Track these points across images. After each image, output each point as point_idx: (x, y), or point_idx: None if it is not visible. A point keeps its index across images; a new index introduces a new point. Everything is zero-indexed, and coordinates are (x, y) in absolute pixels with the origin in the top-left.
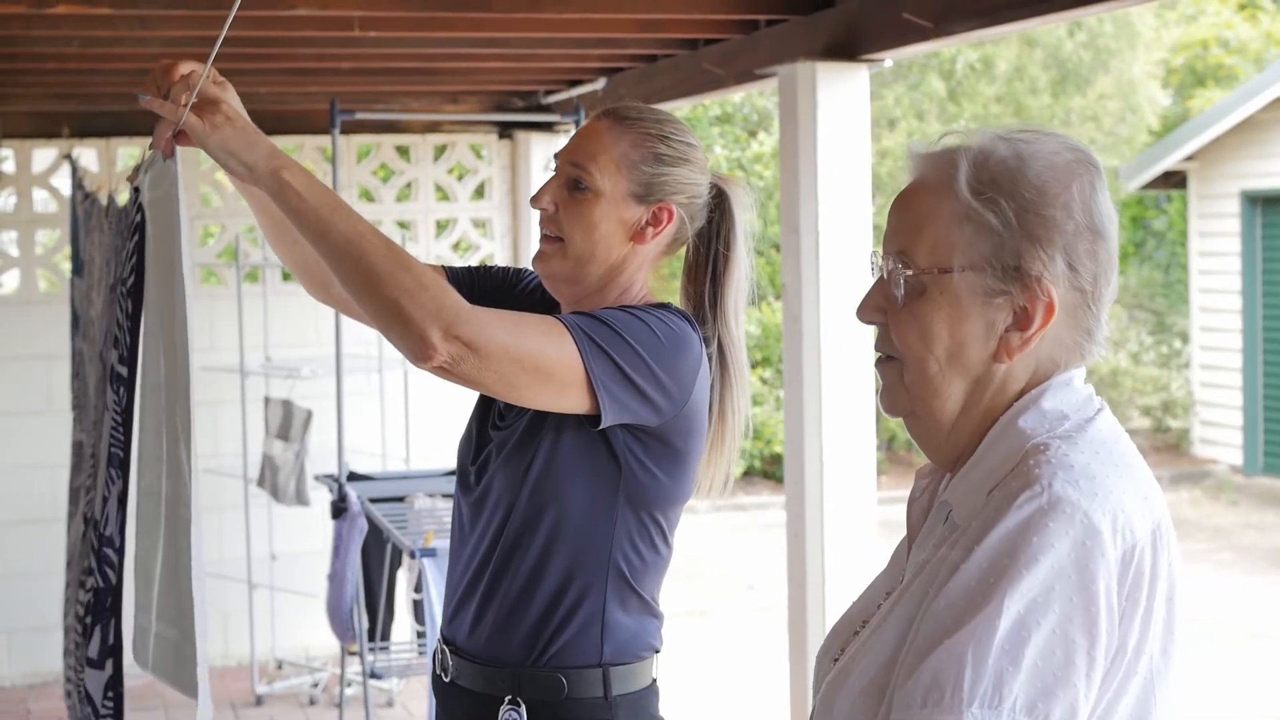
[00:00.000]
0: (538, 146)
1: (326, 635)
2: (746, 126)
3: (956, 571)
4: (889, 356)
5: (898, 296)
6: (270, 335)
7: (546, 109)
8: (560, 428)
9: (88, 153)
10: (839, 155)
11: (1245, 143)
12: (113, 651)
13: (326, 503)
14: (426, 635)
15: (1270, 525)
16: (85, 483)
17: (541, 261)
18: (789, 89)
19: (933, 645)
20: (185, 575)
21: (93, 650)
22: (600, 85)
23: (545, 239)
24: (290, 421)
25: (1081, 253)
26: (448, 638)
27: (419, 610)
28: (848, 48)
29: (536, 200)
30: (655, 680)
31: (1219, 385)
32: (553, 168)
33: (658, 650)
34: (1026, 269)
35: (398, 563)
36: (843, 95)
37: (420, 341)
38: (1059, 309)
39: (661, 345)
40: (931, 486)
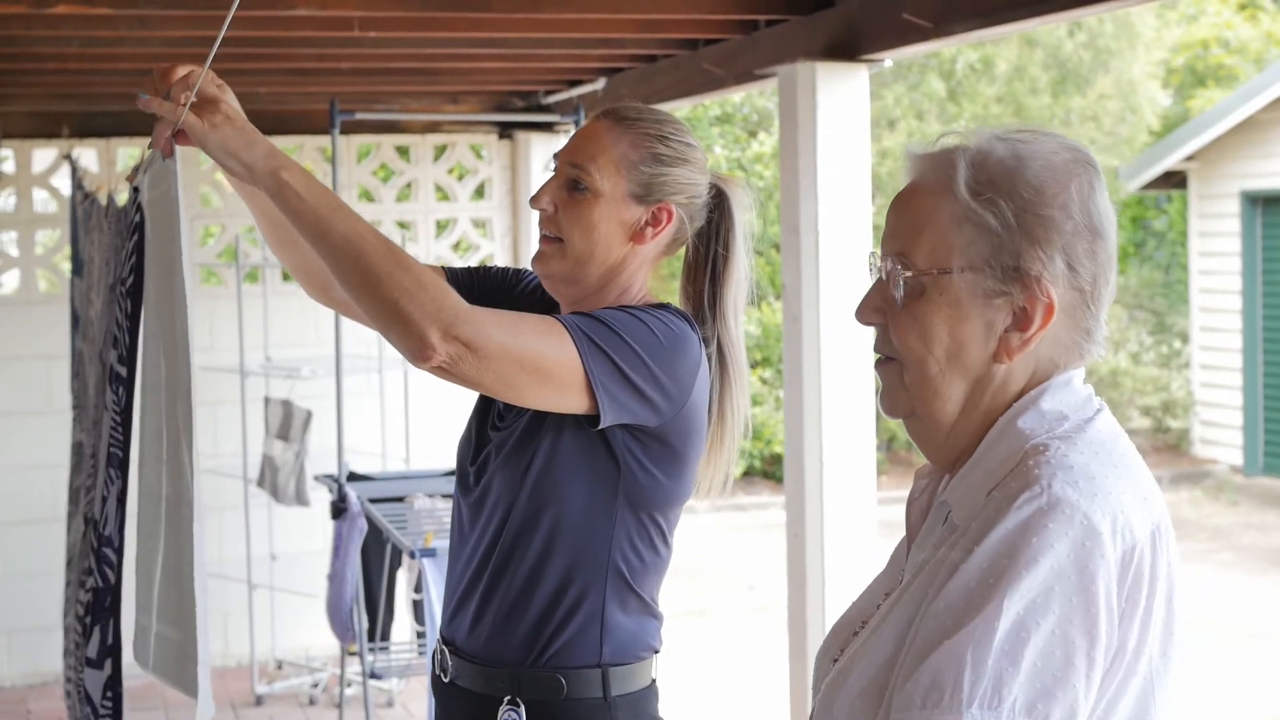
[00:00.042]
0: (538, 147)
1: (326, 635)
2: (746, 126)
3: (956, 572)
4: (888, 358)
5: (897, 298)
6: (270, 335)
7: (546, 109)
8: (559, 428)
9: (88, 153)
10: (839, 155)
11: (1245, 143)
12: (111, 651)
13: (326, 503)
14: (426, 635)
15: (1270, 525)
16: (85, 483)
17: (541, 262)
18: (789, 89)
19: (932, 646)
20: (187, 575)
21: (92, 650)
22: (600, 85)
23: (545, 239)
24: (290, 422)
25: (1080, 252)
26: (447, 638)
27: (419, 610)
28: (848, 48)
29: (536, 201)
30: (654, 681)
31: (1219, 385)
32: (552, 168)
33: (657, 651)
34: (1026, 269)
35: (397, 563)
36: (843, 95)
37: (419, 341)
38: (1058, 309)
39: (660, 345)
40: (931, 487)
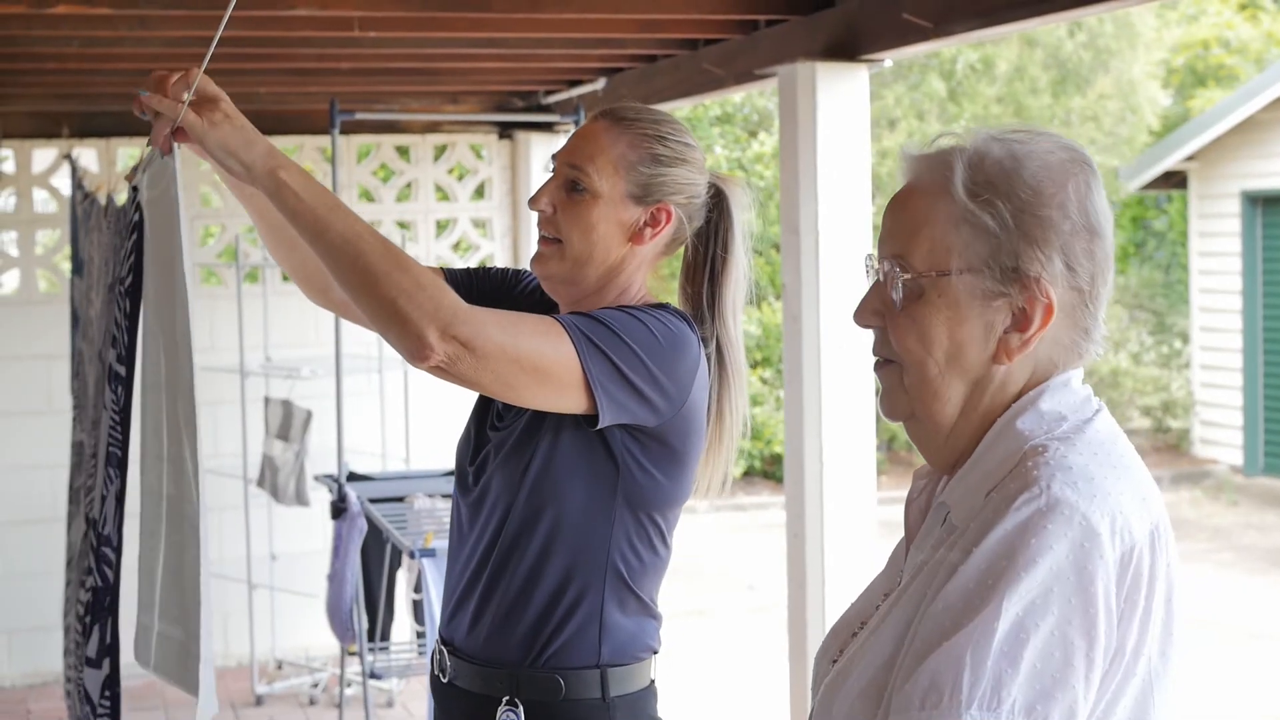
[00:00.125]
0: (538, 147)
1: (326, 635)
2: (746, 126)
3: (955, 573)
4: (887, 360)
5: (895, 300)
6: (270, 335)
7: (546, 109)
8: (558, 428)
9: (88, 153)
10: (839, 155)
11: (1245, 143)
12: (110, 650)
13: (326, 503)
14: (426, 635)
15: (1270, 525)
16: (86, 483)
17: (540, 263)
18: (789, 89)
19: (931, 647)
20: (190, 573)
21: (91, 649)
22: (600, 85)
23: (543, 240)
24: (290, 422)
25: (1079, 252)
26: (446, 638)
27: (418, 610)
28: (848, 48)
29: (534, 202)
30: (653, 681)
31: (1219, 385)
32: (551, 169)
33: (656, 651)
34: (1024, 270)
35: (397, 563)
36: (843, 95)
37: (417, 341)
38: (1057, 309)
39: (659, 345)
40: (929, 487)
